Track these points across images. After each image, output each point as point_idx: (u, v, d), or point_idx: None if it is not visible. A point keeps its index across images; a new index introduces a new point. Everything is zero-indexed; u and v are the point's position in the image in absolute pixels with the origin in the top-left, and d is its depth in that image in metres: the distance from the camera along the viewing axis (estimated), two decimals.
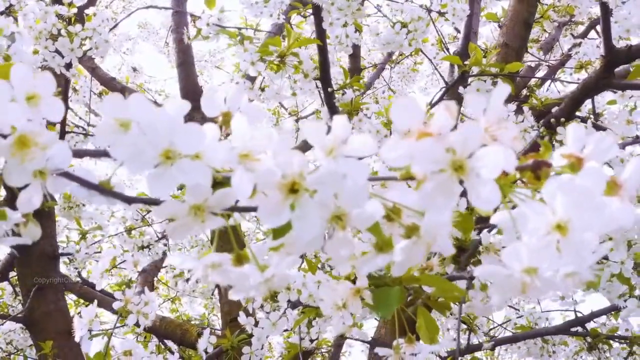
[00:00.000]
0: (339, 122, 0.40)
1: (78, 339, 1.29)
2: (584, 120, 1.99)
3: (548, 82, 2.94)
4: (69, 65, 1.85)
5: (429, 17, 2.13)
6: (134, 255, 1.34)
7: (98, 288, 1.45)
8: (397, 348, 0.83)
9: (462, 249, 1.03)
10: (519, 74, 2.29)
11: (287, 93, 1.91)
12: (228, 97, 0.51)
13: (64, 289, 2.42)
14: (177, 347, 2.67)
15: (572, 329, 2.17)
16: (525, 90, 2.53)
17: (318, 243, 0.39)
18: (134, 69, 4.97)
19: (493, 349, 2.44)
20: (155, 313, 1.40)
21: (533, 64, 3.11)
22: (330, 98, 2.07)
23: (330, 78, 2.04)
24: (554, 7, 2.86)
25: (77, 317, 1.33)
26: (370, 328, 2.56)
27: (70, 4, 1.83)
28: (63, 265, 3.30)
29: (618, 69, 1.75)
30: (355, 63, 3.20)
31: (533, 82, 2.63)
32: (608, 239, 1.10)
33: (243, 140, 0.42)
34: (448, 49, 2.98)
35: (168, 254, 3.82)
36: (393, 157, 0.36)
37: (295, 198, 0.38)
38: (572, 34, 3.45)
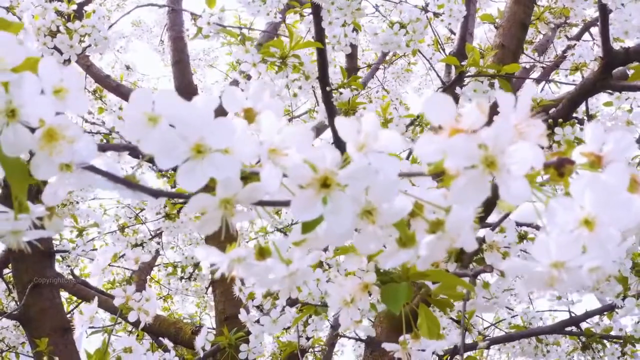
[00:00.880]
0: (369, 119, 0.40)
1: (78, 335, 1.29)
2: (581, 122, 2.00)
3: (542, 83, 2.96)
4: (68, 62, 1.85)
5: (427, 18, 2.14)
6: (135, 251, 1.33)
7: (99, 285, 1.44)
8: (404, 343, 0.84)
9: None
10: (515, 75, 2.30)
11: (286, 93, 1.91)
12: (250, 93, 0.51)
13: (60, 286, 2.42)
14: (172, 345, 2.66)
15: (566, 329, 2.18)
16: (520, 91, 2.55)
17: (349, 236, 0.40)
18: (128, 67, 4.95)
19: (488, 348, 2.46)
20: (156, 310, 1.40)
21: (528, 65, 3.13)
22: (328, 97, 2.08)
23: (329, 77, 2.05)
24: (550, 8, 2.88)
25: (77, 313, 1.33)
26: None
27: (70, 1, 1.83)
28: (55, 263, 3.29)
29: (614, 71, 1.76)
30: (352, 62, 3.21)
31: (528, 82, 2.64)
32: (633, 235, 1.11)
33: (271, 135, 0.42)
34: (444, 50, 2.99)
35: (161, 252, 3.82)
36: (426, 152, 0.36)
37: (328, 192, 0.38)
38: (566, 36, 3.48)
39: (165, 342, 2.29)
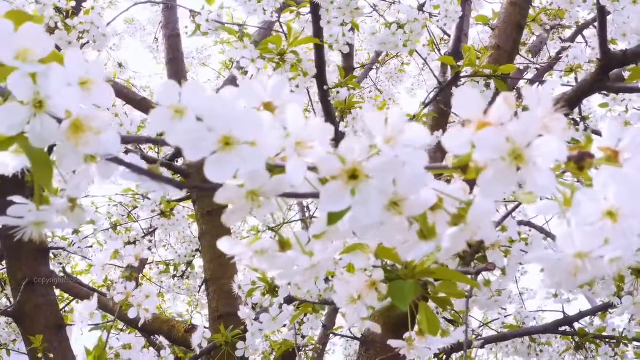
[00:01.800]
0: (395, 112, 0.41)
1: (79, 332, 1.29)
2: (577, 123, 2.02)
3: (536, 84, 2.98)
4: None
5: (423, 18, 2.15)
6: (128, 249, 1.33)
7: (99, 280, 1.44)
8: (409, 340, 0.84)
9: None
10: (510, 76, 2.32)
11: None
12: (269, 87, 0.52)
13: (53, 283, 2.41)
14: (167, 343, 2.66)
15: (560, 329, 2.20)
16: (515, 92, 2.57)
17: (373, 228, 0.40)
18: (120, 65, 4.94)
19: (483, 347, 2.47)
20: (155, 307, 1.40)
21: (522, 67, 3.15)
22: (325, 96, 2.09)
23: (326, 76, 2.06)
24: (546, 10, 2.90)
25: (77, 310, 1.33)
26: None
27: None
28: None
29: (611, 72, 1.78)
30: (349, 62, 3.22)
31: (522, 84, 2.67)
32: None
33: (297, 129, 0.43)
34: (440, 50, 3.01)
35: (154, 250, 3.81)
36: (455, 144, 0.37)
37: (356, 184, 0.39)
38: (560, 38, 3.50)
39: (161, 339, 2.30)
